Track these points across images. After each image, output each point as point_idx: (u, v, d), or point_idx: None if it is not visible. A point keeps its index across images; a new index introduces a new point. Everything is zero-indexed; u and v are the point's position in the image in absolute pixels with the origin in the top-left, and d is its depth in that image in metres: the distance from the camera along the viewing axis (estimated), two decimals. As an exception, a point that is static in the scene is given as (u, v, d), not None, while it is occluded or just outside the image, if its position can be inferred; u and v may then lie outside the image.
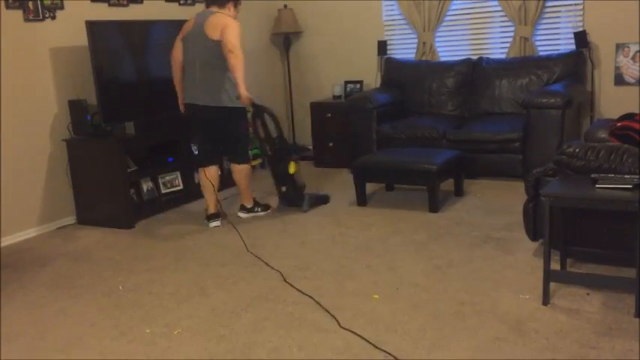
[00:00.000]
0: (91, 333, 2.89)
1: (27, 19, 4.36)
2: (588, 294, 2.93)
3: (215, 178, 4.39)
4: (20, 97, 4.35)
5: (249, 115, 4.45)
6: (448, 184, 4.67)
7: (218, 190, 4.43)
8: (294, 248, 3.84)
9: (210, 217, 4.38)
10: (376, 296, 3.07)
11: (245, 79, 4.04)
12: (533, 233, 3.38)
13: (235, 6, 4.26)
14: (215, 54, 4.08)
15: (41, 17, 4.44)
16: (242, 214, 4.52)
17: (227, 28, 4.03)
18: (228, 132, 4.30)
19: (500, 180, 5.02)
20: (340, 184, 5.33)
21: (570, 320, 2.70)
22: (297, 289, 3.20)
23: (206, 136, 4.36)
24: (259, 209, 4.55)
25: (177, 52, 4.33)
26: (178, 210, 4.88)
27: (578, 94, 4.98)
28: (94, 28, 4.43)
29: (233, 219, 4.47)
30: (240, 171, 4.41)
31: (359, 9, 6.29)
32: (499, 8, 5.62)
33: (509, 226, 3.92)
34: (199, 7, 5.70)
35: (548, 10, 5.44)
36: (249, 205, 4.53)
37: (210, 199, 4.39)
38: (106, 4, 4.88)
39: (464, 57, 5.77)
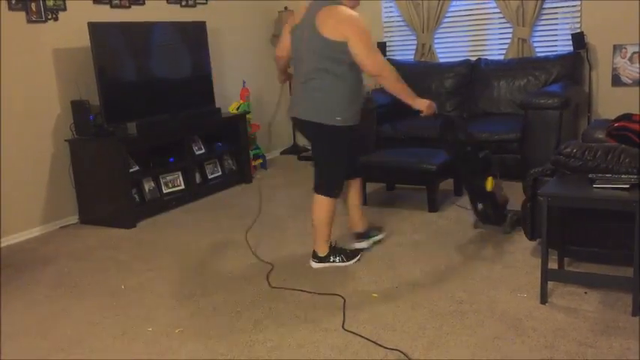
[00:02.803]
0: (92, 332, 2.91)
1: (30, 21, 4.38)
2: (586, 293, 2.95)
3: (355, 194, 3.64)
4: (23, 97, 4.37)
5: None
6: (447, 184, 4.69)
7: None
8: (295, 248, 3.86)
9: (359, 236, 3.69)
10: (375, 295, 3.09)
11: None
12: (531, 232, 3.40)
13: None
14: (328, 56, 3.22)
15: (44, 19, 4.47)
16: (314, 264, 3.52)
17: (349, 28, 3.17)
18: (322, 156, 3.45)
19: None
20: (340, 184, 5.34)
21: (568, 319, 2.73)
22: (298, 289, 3.23)
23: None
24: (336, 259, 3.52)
25: (284, 47, 3.48)
26: (180, 210, 4.90)
27: (575, 94, 5.00)
28: (96, 29, 4.46)
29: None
30: (317, 202, 3.43)
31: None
32: (497, 10, 5.65)
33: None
34: (200, 9, 5.75)
35: (545, 11, 5.47)
36: (322, 254, 3.51)
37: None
38: (108, 6, 4.91)
39: (462, 58, 5.79)
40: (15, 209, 4.34)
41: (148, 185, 4.85)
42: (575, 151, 3.08)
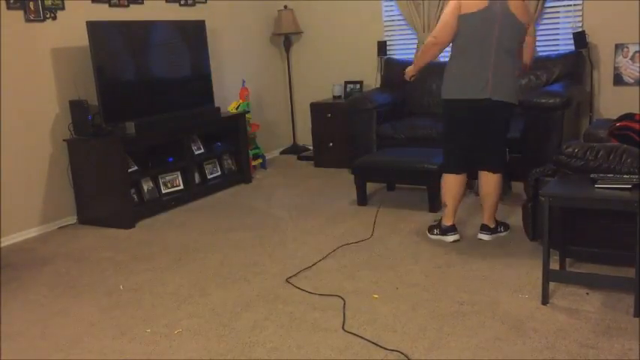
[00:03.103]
0: (91, 332, 2.90)
1: (28, 20, 4.36)
2: (587, 294, 2.94)
3: (464, 187, 3.79)
4: (21, 97, 4.36)
5: None
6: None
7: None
8: (295, 248, 3.85)
9: (450, 230, 3.75)
10: (376, 296, 3.08)
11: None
12: (533, 233, 3.39)
13: None
14: (518, 39, 3.52)
15: (42, 18, 4.45)
16: (485, 237, 3.74)
17: (524, 6, 3.51)
18: (504, 133, 3.70)
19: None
20: (340, 184, 5.34)
21: (569, 320, 2.71)
22: (298, 288, 3.21)
23: (473, 139, 3.67)
24: (502, 228, 3.80)
25: (451, 32, 3.53)
26: (179, 210, 4.89)
27: (577, 94, 4.98)
28: (94, 28, 4.45)
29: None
30: (499, 180, 3.69)
31: (359, 9, 6.31)
32: (499, 9, 5.63)
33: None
34: (199, 8, 5.74)
35: (547, 10, 5.45)
36: (493, 226, 3.76)
37: (454, 209, 3.75)
38: (107, 5, 4.89)
39: (463, 57, 5.77)
40: (13, 209, 4.33)
41: (147, 185, 4.84)
42: (576, 150, 3.07)
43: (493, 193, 3.69)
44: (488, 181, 3.69)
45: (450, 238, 3.73)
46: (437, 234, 3.80)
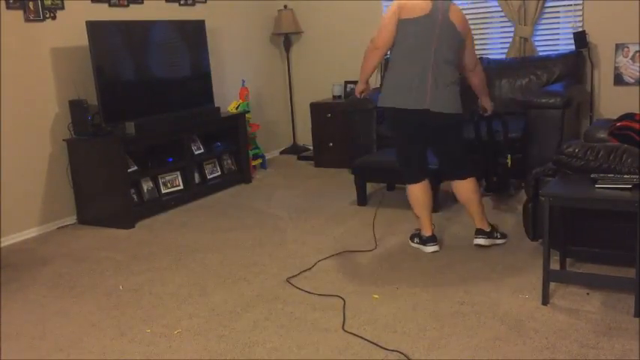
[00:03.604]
0: (91, 333, 2.90)
1: (27, 20, 4.36)
2: (588, 294, 2.93)
3: (430, 193, 3.74)
4: (21, 97, 4.35)
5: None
6: (448, 184, 4.67)
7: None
8: (295, 248, 3.84)
9: (430, 240, 3.67)
10: (376, 296, 3.07)
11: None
12: (533, 233, 3.38)
13: None
14: (457, 50, 3.45)
15: (41, 17, 4.44)
16: (481, 241, 3.68)
17: (464, 18, 3.46)
18: (458, 142, 3.63)
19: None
20: (340, 184, 5.34)
21: (570, 320, 2.71)
22: (298, 288, 3.21)
23: (424, 147, 3.66)
24: (498, 235, 3.71)
25: (390, 36, 3.41)
26: (178, 210, 4.88)
27: (577, 94, 4.98)
28: (94, 28, 4.44)
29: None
30: (474, 185, 3.64)
31: (359, 9, 6.30)
32: (499, 8, 5.63)
33: (508, 226, 3.92)
34: (199, 8, 5.74)
35: (547, 10, 5.45)
36: (488, 229, 3.70)
37: (428, 218, 3.69)
38: (107, 5, 4.88)
39: (463, 57, 5.77)
40: (13, 209, 4.32)
41: (147, 185, 4.83)
42: (577, 150, 3.07)
43: (472, 197, 3.62)
44: (462, 189, 3.63)
45: (430, 249, 3.64)
46: (417, 242, 3.72)
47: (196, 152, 5.23)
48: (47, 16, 4.49)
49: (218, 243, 4.04)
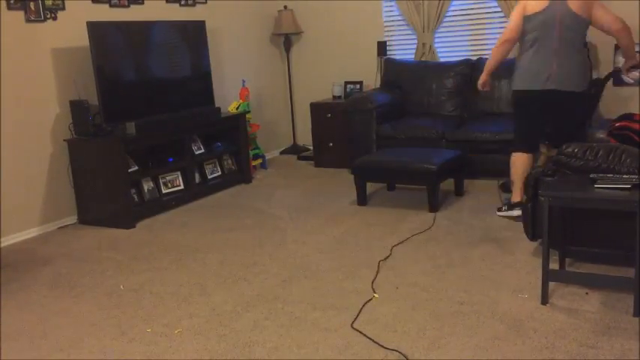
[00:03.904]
0: (91, 332, 2.90)
1: (28, 20, 4.37)
2: (587, 293, 2.94)
3: (531, 165, 4.03)
4: (22, 97, 4.36)
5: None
6: (448, 184, 4.68)
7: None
8: (295, 248, 3.85)
9: (517, 205, 4.01)
10: (376, 295, 3.08)
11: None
12: (532, 233, 3.39)
13: None
14: (581, 32, 3.87)
15: (42, 18, 4.45)
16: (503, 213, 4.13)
17: (584, 5, 3.79)
18: (576, 117, 4.01)
19: (499, 179, 5.03)
20: (340, 184, 5.34)
21: (569, 319, 2.71)
22: (297, 289, 3.21)
23: (544, 124, 4.05)
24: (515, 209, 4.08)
25: (515, 31, 3.96)
26: (179, 210, 4.89)
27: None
28: (95, 28, 4.45)
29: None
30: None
31: (359, 10, 6.31)
32: (498, 9, 5.64)
33: (508, 226, 3.93)
34: (200, 8, 5.75)
35: (547, 10, 5.44)
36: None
37: (520, 187, 4.02)
38: (107, 5, 4.89)
39: (463, 57, 5.78)
40: (13, 209, 4.33)
41: (147, 185, 4.84)
42: (576, 150, 3.07)
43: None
44: (550, 154, 3.96)
45: (516, 212, 3.96)
46: (505, 210, 4.09)
47: (197, 152, 5.24)
48: (48, 16, 4.50)
49: (218, 243, 4.05)
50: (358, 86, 6.25)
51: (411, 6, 5.94)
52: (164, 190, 4.95)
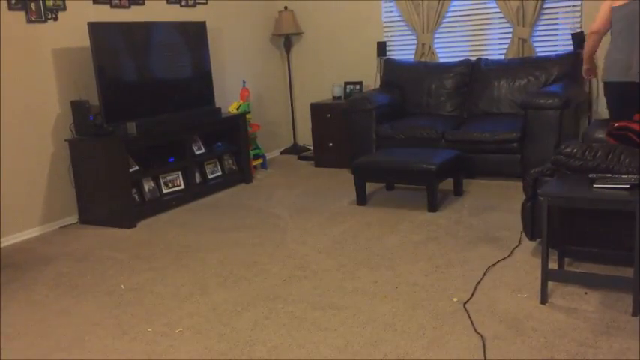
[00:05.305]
0: (92, 332, 2.91)
1: (29, 21, 4.38)
2: (586, 293, 2.95)
3: None
4: (23, 97, 4.37)
5: None
6: (447, 184, 4.70)
7: None
8: (295, 248, 3.86)
9: None
10: (376, 295, 3.09)
11: None
12: (531, 233, 3.40)
13: None
14: None
15: (43, 18, 4.47)
16: None
17: None
18: None
19: (498, 180, 5.05)
20: (340, 184, 5.36)
21: (568, 319, 2.72)
22: (298, 289, 3.22)
23: (633, 112, 3.95)
24: None
25: (603, 22, 4.11)
26: (179, 210, 4.90)
27: (575, 94, 5.00)
28: (96, 29, 4.47)
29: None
30: None
31: (358, 10, 6.32)
32: (497, 9, 5.65)
33: (507, 226, 3.94)
34: (200, 9, 5.76)
35: (546, 11, 5.47)
36: None
37: None
38: (108, 6, 4.91)
39: (462, 58, 5.80)
40: (15, 209, 4.35)
41: (148, 185, 4.85)
42: (575, 151, 3.08)
43: None
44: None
45: None
46: None
47: (197, 152, 5.25)
48: (49, 17, 4.51)
49: (219, 242, 4.06)
50: (358, 87, 6.26)
51: (411, 6, 5.95)
52: (165, 190, 4.96)
